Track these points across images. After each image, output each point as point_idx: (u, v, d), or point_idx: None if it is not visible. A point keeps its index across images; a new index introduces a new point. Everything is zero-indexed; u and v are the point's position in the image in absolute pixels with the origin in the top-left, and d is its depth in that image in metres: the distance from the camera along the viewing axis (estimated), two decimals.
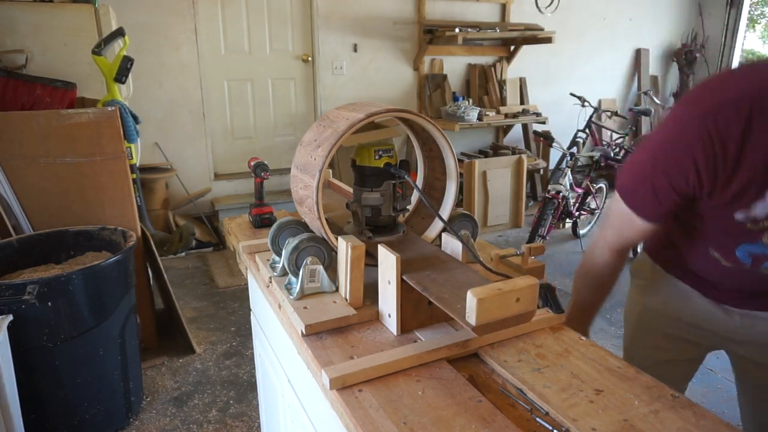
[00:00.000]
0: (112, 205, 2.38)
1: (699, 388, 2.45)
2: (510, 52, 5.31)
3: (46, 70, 2.67)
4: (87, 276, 1.83)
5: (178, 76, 4.11)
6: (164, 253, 3.75)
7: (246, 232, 1.41)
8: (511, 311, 0.74)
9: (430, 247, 1.04)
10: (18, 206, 2.23)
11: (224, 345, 2.76)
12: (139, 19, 3.85)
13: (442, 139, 1.07)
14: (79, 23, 2.83)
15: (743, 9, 6.23)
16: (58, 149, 2.24)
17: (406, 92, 4.99)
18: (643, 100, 6.10)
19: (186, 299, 3.29)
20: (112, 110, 2.31)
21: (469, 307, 0.71)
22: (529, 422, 0.72)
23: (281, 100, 4.62)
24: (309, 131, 1.06)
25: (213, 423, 2.18)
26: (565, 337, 0.92)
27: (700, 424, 0.70)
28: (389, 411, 0.72)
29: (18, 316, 1.71)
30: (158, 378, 2.47)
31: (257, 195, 1.48)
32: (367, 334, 0.90)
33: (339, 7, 4.52)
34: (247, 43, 4.38)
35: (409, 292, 0.88)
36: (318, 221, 0.96)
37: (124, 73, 2.69)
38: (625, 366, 0.83)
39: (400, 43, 4.84)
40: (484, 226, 4.48)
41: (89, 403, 1.97)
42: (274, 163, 4.60)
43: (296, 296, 0.96)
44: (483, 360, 0.87)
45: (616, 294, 1.25)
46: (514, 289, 0.73)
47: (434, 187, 1.18)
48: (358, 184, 1.10)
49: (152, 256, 2.58)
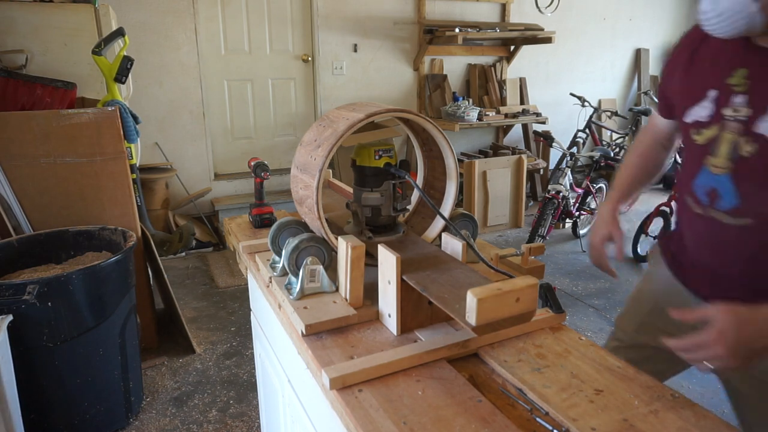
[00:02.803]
0: (112, 205, 2.38)
1: (699, 388, 2.45)
2: (510, 52, 5.31)
3: (46, 70, 2.68)
4: (87, 276, 1.83)
5: (178, 76, 4.11)
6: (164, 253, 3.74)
7: (246, 232, 1.41)
8: (511, 311, 0.74)
9: (430, 247, 1.04)
10: (18, 206, 2.23)
11: (224, 345, 2.76)
12: (139, 19, 3.85)
13: (442, 139, 1.07)
14: (79, 23, 2.83)
15: None
16: (58, 149, 2.24)
17: (406, 92, 4.99)
18: (643, 100, 6.10)
19: (186, 299, 3.29)
20: (112, 110, 2.31)
21: (469, 307, 0.71)
22: (529, 422, 0.73)
23: (281, 100, 4.62)
24: (309, 131, 1.06)
25: (213, 423, 2.18)
26: (565, 337, 0.92)
27: (700, 424, 0.70)
28: (389, 411, 0.72)
29: (18, 316, 1.71)
30: (158, 378, 2.47)
31: (257, 195, 1.48)
32: (367, 334, 0.90)
33: (339, 7, 4.52)
34: (247, 43, 4.38)
35: (409, 292, 0.88)
36: (318, 221, 0.96)
37: (124, 73, 2.69)
38: (625, 366, 0.83)
39: (400, 43, 4.84)
40: (484, 226, 4.48)
41: (89, 403, 1.97)
42: (274, 163, 4.60)
43: (296, 296, 0.96)
44: (483, 360, 0.87)
45: (616, 293, 1.26)
46: (514, 289, 0.73)
47: (434, 187, 1.18)
48: (358, 184, 1.10)
49: (152, 256, 2.58)
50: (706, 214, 1.06)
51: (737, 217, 1.01)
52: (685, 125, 1.08)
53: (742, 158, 0.98)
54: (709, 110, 1.02)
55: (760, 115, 0.94)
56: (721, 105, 1.00)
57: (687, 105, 1.07)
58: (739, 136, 0.97)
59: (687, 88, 1.08)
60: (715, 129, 1.01)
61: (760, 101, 0.95)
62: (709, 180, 1.04)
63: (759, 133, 0.94)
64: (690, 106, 1.06)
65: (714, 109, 1.01)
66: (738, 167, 0.99)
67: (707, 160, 1.03)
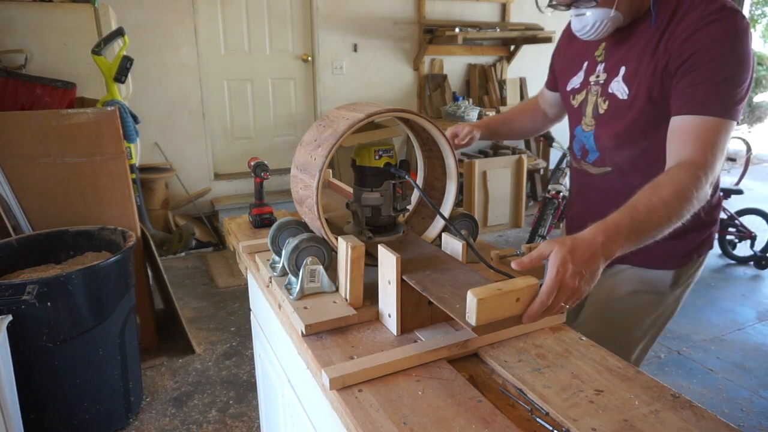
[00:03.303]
0: (112, 205, 2.37)
1: (699, 388, 2.45)
2: (510, 52, 5.30)
3: (45, 70, 2.67)
4: (87, 276, 1.83)
5: (178, 76, 4.10)
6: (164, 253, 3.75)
7: (246, 232, 1.41)
8: (511, 311, 0.74)
9: (431, 247, 1.04)
10: (18, 206, 2.23)
11: (224, 345, 2.76)
12: (139, 19, 3.85)
13: (442, 139, 1.07)
14: (79, 23, 2.83)
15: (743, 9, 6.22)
16: (58, 149, 2.24)
17: (406, 92, 4.99)
18: None
19: (186, 299, 3.29)
20: (111, 110, 2.31)
21: (469, 307, 0.71)
22: (529, 422, 0.72)
23: (281, 100, 4.62)
24: (309, 131, 1.06)
25: (213, 423, 2.18)
26: (565, 337, 0.92)
27: (700, 424, 0.70)
28: (389, 411, 0.72)
29: (18, 316, 1.71)
30: (158, 378, 2.47)
31: (257, 195, 1.48)
32: (367, 334, 0.90)
33: (339, 7, 4.52)
34: (247, 43, 4.37)
35: (409, 292, 0.88)
36: (318, 221, 0.96)
37: (123, 73, 2.69)
38: (625, 366, 0.83)
39: (400, 43, 4.84)
40: (484, 226, 4.48)
41: (89, 403, 1.97)
42: (274, 163, 4.60)
43: (296, 296, 0.96)
44: (483, 360, 0.87)
45: None
46: (514, 289, 0.73)
47: (434, 187, 1.18)
48: (358, 184, 1.10)
49: (152, 256, 2.57)
50: (580, 167, 1.30)
51: (600, 167, 1.24)
52: (566, 93, 1.32)
53: (600, 116, 1.20)
54: (581, 78, 1.26)
55: (613, 78, 1.16)
56: (589, 73, 1.24)
57: (568, 77, 1.31)
58: (598, 97, 1.20)
59: (567, 65, 1.32)
60: (584, 93, 1.25)
61: (612, 67, 1.17)
62: (581, 137, 1.27)
63: (611, 92, 1.16)
64: (570, 78, 1.30)
65: (584, 77, 1.25)
66: (597, 123, 1.21)
67: (582, 120, 1.25)
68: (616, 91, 1.15)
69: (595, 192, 1.27)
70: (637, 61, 1.11)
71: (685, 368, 2.62)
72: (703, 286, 3.57)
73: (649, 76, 1.08)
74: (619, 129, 1.16)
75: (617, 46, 1.17)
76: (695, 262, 1.25)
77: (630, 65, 1.12)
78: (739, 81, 1.00)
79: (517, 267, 0.81)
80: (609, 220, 0.87)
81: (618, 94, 1.14)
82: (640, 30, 1.11)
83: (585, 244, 0.81)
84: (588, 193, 1.30)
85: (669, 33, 1.05)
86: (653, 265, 1.23)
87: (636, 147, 1.16)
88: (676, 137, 1.04)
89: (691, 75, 1.01)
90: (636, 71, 1.11)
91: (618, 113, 1.15)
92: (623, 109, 1.14)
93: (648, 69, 1.08)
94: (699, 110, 1.00)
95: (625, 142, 1.17)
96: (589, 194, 1.30)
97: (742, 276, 3.78)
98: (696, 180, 0.94)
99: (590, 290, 0.83)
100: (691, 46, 1.01)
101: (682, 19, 1.03)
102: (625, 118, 1.14)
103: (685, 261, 1.23)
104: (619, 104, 1.15)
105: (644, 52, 1.09)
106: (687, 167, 0.96)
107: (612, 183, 1.21)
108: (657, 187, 0.93)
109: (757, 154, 7.48)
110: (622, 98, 1.14)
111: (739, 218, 3.96)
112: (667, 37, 1.05)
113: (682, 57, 1.02)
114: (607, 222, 0.86)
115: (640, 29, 1.11)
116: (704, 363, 2.66)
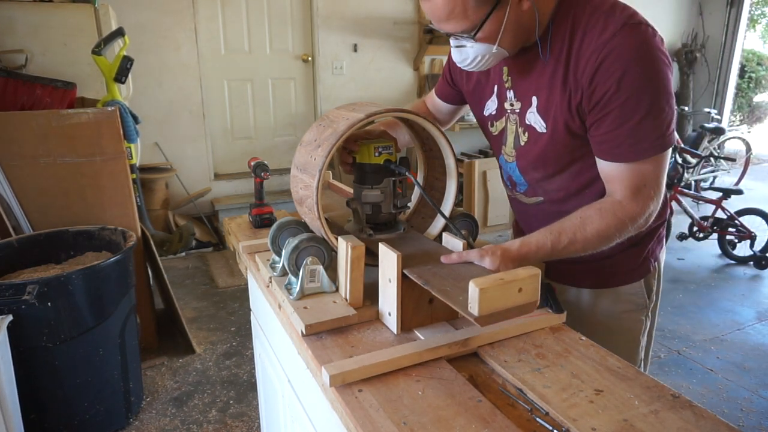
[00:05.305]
0: (112, 205, 2.38)
1: (699, 388, 2.45)
2: None
3: (45, 70, 2.67)
4: (87, 276, 1.83)
5: (178, 76, 4.11)
6: (164, 253, 3.75)
7: (246, 232, 1.41)
8: (514, 301, 0.73)
9: (432, 243, 1.04)
10: (18, 206, 2.23)
11: (224, 345, 2.76)
12: (139, 19, 3.85)
13: (442, 138, 1.07)
14: (79, 23, 2.83)
15: (743, 9, 6.22)
16: (58, 149, 2.24)
17: (406, 92, 4.99)
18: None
19: (186, 299, 3.29)
20: (111, 110, 2.31)
21: (472, 298, 0.71)
22: (529, 422, 0.72)
23: (281, 100, 4.62)
24: (309, 131, 1.06)
25: (213, 423, 2.18)
26: (565, 337, 0.92)
27: (700, 424, 0.70)
28: (389, 411, 0.72)
29: (18, 316, 1.71)
30: (158, 378, 2.47)
31: (257, 195, 1.48)
32: (367, 334, 0.90)
33: (339, 7, 4.52)
34: (247, 43, 4.37)
35: (409, 290, 0.88)
36: (318, 221, 0.96)
37: (123, 73, 2.69)
38: (625, 366, 0.83)
39: (400, 43, 4.84)
40: (484, 226, 4.48)
41: (89, 403, 1.97)
42: (274, 163, 4.60)
43: (296, 296, 0.96)
44: (483, 360, 0.87)
45: None
46: (516, 279, 0.73)
47: (434, 186, 1.18)
48: (358, 182, 1.10)
49: (152, 256, 2.57)
50: (513, 196, 1.23)
51: (531, 197, 1.17)
52: (483, 118, 1.19)
53: (521, 147, 1.10)
54: (496, 104, 1.14)
55: (527, 108, 1.06)
56: (502, 99, 1.12)
57: (481, 100, 1.19)
58: (518, 127, 1.10)
59: (474, 85, 1.20)
60: (504, 121, 1.14)
61: (522, 96, 1.07)
62: (507, 168, 1.18)
63: (528, 124, 1.06)
64: (483, 102, 1.18)
65: (498, 102, 1.14)
66: (519, 155, 1.11)
67: (502, 149, 1.16)
68: (534, 123, 1.05)
69: (534, 220, 1.18)
70: (548, 91, 1.00)
71: (685, 368, 2.62)
72: (703, 286, 3.58)
73: (564, 110, 0.98)
74: (543, 161, 1.07)
75: (523, 75, 1.06)
76: (656, 268, 1.20)
77: (541, 96, 1.02)
78: (660, 107, 0.92)
79: (445, 261, 0.91)
80: (533, 241, 0.94)
81: (536, 126, 1.05)
82: (541, 59, 1.01)
83: (508, 253, 0.90)
84: (528, 221, 1.24)
85: (574, 62, 0.95)
86: (621, 282, 1.18)
87: (564, 176, 1.08)
88: (606, 177, 0.99)
89: (608, 119, 0.93)
90: (549, 103, 1.01)
91: (539, 145, 1.06)
92: (544, 142, 1.04)
93: (562, 103, 0.98)
94: (626, 158, 0.94)
95: (552, 173, 1.09)
96: (529, 222, 1.23)
97: (742, 276, 3.79)
98: (622, 228, 0.95)
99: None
100: (601, 83, 0.91)
101: (582, 43, 0.93)
102: (548, 150, 1.05)
103: (648, 267, 1.18)
104: (539, 137, 1.05)
105: (552, 83, 0.99)
106: (618, 211, 0.95)
107: (547, 210, 1.15)
108: (586, 220, 0.95)
109: (757, 154, 7.49)
110: (540, 131, 1.04)
111: (739, 218, 3.96)
112: (574, 67, 0.95)
113: (594, 98, 0.93)
114: (531, 242, 0.94)
115: (541, 59, 1.01)
116: (704, 363, 2.66)
